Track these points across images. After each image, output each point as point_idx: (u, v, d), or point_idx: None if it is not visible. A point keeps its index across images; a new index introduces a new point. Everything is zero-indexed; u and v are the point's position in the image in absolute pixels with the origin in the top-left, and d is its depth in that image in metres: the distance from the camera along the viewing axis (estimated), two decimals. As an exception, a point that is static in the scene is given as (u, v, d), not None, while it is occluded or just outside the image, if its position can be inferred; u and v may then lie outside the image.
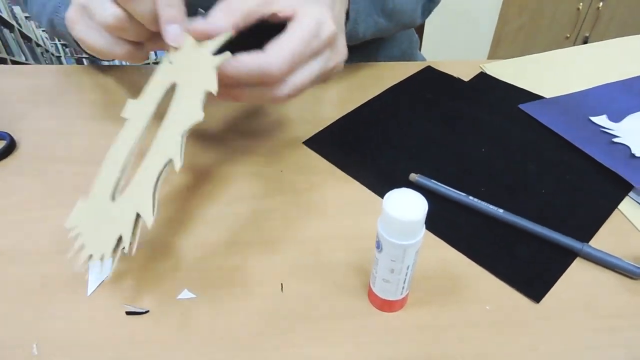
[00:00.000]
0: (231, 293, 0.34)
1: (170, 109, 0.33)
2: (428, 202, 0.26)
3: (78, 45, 0.44)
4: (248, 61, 0.32)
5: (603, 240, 0.37)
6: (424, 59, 0.74)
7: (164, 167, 0.31)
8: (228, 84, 0.33)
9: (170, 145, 0.31)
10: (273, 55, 0.32)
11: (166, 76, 0.34)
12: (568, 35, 1.77)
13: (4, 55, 1.67)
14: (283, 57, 0.32)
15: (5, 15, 1.59)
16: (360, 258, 0.36)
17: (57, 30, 0.47)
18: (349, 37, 0.47)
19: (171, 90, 0.34)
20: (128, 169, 0.33)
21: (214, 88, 0.31)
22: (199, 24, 0.33)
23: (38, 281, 0.34)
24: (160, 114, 0.33)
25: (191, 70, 0.33)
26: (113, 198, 0.33)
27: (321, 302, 0.33)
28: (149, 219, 0.30)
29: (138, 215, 0.31)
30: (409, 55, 0.70)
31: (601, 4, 1.66)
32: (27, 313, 0.32)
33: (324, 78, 0.37)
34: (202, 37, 0.33)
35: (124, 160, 0.33)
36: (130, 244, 0.30)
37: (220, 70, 0.31)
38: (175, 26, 0.33)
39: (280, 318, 0.32)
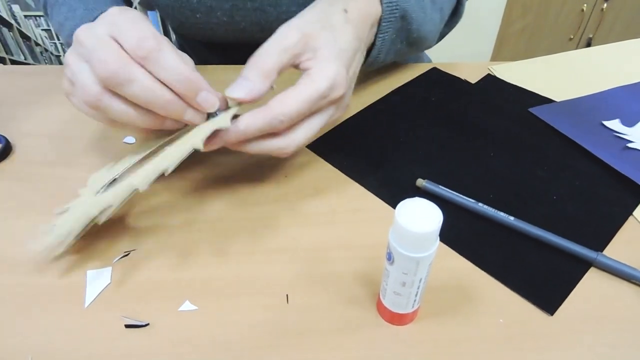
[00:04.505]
0: (234, 305, 0.32)
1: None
2: (436, 209, 0.25)
3: None
4: (255, 121, 0.34)
5: (618, 249, 0.36)
6: (429, 60, 0.73)
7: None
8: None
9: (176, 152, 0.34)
10: (278, 110, 0.33)
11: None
12: (572, 37, 1.76)
13: (3, 54, 1.66)
14: (290, 114, 0.34)
15: (4, 14, 1.58)
16: (368, 267, 0.35)
17: None
18: (371, 63, 0.48)
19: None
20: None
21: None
22: (240, 92, 0.34)
23: (34, 291, 0.33)
24: None
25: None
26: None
27: (328, 313, 0.32)
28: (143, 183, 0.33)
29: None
30: (415, 55, 0.68)
31: (605, 5, 1.65)
32: (21, 324, 0.31)
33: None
34: (244, 103, 0.35)
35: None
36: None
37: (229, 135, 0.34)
38: (205, 93, 0.33)
39: (285, 330, 0.31)
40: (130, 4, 0.59)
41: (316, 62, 0.35)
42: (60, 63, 1.75)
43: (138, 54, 0.31)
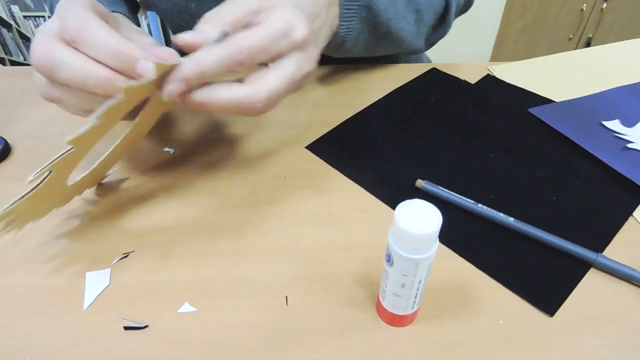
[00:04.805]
0: (234, 306, 0.32)
1: None
2: (435, 210, 0.25)
3: None
4: (213, 52, 0.31)
5: (618, 250, 0.36)
6: (429, 61, 0.73)
7: None
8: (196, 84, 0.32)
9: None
10: (238, 42, 0.31)
11: None
12: (571, 36, 1.76)
13: (2, 55, 1.65)
14: (249, 46, 0.31)
15: (3, 15, 1.58)
16: (367, 268, 0.35)
17: None
18: (338, 47, 0.47)
19: None
20: None
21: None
22: (187, 35, 0.32)
23: (33, 292, 0.33)
24: None
25: None
26: None
27: (327, 315, 0.32)
28: None
29: None
30: (415, 56, 0.68)
31: (605, 4, 1.65)
32: (20, 326, 0.31)
33: (296, 86, 0.36)
34: (192, 49, 0.32)
35: None
36: None
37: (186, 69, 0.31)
38: (142, 62, 0.30)
39: (285, 331, 0.31)
40: (135, 4, 0.59)
41: (274, 9, 0.34)
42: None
43: (67, 39, 0.30)
